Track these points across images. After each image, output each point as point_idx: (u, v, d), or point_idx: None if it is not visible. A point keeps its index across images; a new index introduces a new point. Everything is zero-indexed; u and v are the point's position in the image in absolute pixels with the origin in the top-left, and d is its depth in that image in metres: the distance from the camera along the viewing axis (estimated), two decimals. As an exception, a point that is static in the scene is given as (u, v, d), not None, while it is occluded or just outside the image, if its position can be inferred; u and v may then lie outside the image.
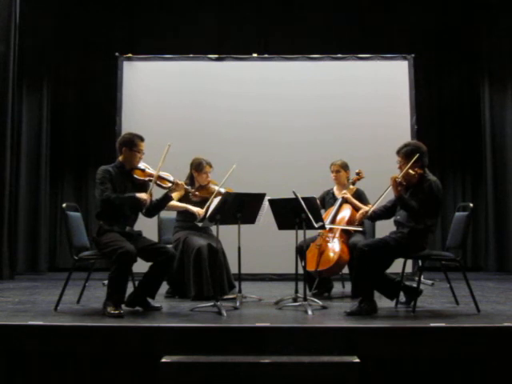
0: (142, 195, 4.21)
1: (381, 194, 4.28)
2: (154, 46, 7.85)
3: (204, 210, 4.81)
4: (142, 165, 4.36)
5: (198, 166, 5.23)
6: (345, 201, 5.23)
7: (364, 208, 4.57)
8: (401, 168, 4.24)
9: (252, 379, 3.18)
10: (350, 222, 5.11)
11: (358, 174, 5.27)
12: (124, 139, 4.38)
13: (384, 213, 4.45)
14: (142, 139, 4.35)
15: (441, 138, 8.37)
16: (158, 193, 4.46)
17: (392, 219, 4.43)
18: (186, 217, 5.17)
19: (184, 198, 5.09)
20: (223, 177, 4.89)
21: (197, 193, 4.75)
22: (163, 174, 4.35)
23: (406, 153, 4.24)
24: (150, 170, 4.33)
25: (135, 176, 4.31)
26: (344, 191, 5.24)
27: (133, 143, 4.31)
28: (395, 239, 4.19)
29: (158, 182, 4.32)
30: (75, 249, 4.43)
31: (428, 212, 4.14)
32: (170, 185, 4.34)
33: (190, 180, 5.25)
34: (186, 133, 7.01)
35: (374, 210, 4.40)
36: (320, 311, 4.28)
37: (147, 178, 4.30)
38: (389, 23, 8.28)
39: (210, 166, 5.23)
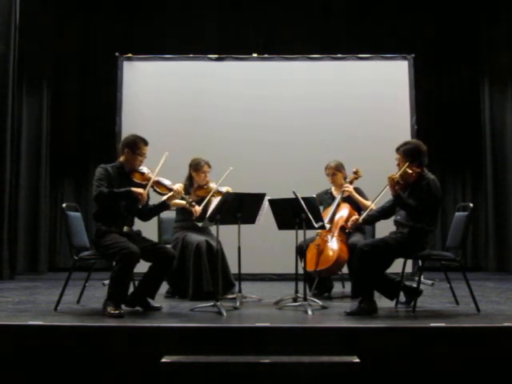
0: (139, 190, 4.17)
1: (378, 193, 4.29)
2: (154, 46, 7.86)
3: (201, 208, 4.80)
4: (144, 168, 4.34)
5: (196, 166, 5.22)
6: (343, 200, 5.22)
7: (356, 215, 4.60)
8: (399, 165, 4.25)
9: (252, 379, 3.18)
10: (349, 220, 5.10)
11: (355, 172, 5.24)
12: (128, 141, 4.36)
13: (381, 214, 4.46)
14: (145, 143, 4.32)
15: (441, 138, 8.37)
16: (156, 198, 4.48)
17: (392, 219, 4.44)
18: (185, 217, 5.16)
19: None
20: (222, 177, 4.90)
21: (194, 202, 4.70)
22: (163, 180, 4.33)
23: (405, 151, 4.24)
24: (150, 175, 4.29)
25: (134, 179, 4.29)
26: (346, 185, 5.21)
27: (136, 146, 4.29)
28: (395, 239, 4.19)
29: (155, 188, 4.31)
30: (75, 249, 4.43)
31: (427, 210, 4.15)
32: (167, 192, 4.32)
33: (189, 181, 5.24)
34: (186, 133, 7.02)
35: (369, 214, 4.43)
36: (320, 311, 4.28)
37: (145, 182, 4.27)
38: (389, 23, 8.28)
39: (209, 166, 5.22)
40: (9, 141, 6.94)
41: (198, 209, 4.84)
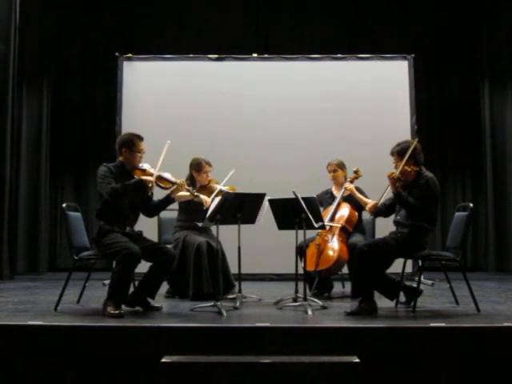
0: (148, 177, 4.19)
1: (382, 192, 4.29)
2: (154, 46, 7.86)
3: (211, 199, 4.79)
4: (145, 165, 4.34)
5: (197, 166, 5.21)
6: (343, 199, 5.22)
7: (372, 201, 4.54)
8: (396, 167, 4.26)
9: (252, 379, 3.18)
10: (349, 220, 5.11)
11: (355, 172, 5.24)
12: (123, 140, 4.35)
13: (384, 209, 4.46)
14: (141, 139, 4.33)
15: (441, 138, 8.37)
16: (159, 194, 4.48)
17: (392, 219, 4.44)
18: (187, 216, 5.17)
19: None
20: (223, 177, 4.89)
21: (197, 193, 4.71)
22: (164, 174, 4.33)
23: (399, 151, 4.27)
24: (151, 171, 4.30)
25: (135, 176, 4.29)
26: (346, 184, 5.20)
27: (132, 143, 4.29)
28: (395, 239, 4.20)
29: (158, 183, 4.30)
30: (75, 249, 4.43)
31: (426, 208, 4.15)
32: (170, 185, 4.32)
33: (191, 181, 5.23)
34: (186, 133, 7.01)
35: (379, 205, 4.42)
36: (320, 311, 4.28)
37: None
38: (389, 23, 8.29)
39: (210, 166, 5.22)
40: (9, 141, 6.94)
41: (207, 199, 4.83)
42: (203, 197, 4.85)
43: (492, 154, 7.97)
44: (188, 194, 4.49)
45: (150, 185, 4.21)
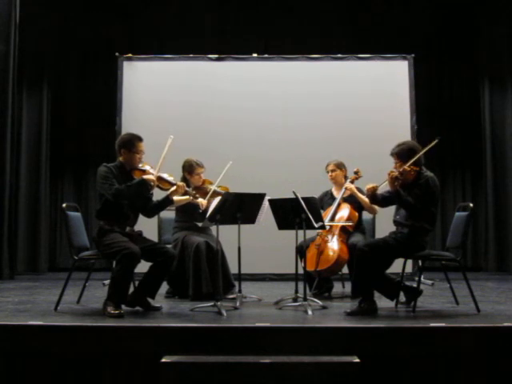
0: (149, 176, 4.20)
1: (382, 181, 4.28)
2: (154, 46, 7.87)
3: (206, 200, 4.81)
4: (146, 166, 4.33)
5: (189, 168, 5.19)
6: (344, 200, 5.22)
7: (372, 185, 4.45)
8: (396, 167, 4.26)
9: (252, 379, 3.18)
10: (349, 220, 5.10)
11: (356, 172, 5.25)
12: (122, 140, 4.36)
13: (380, 198, 4.41)
14: (140, 140, 4.32)
15: (440, 137, 8.36)
16: (158, 195, 4.48)
17: (391, 219, 4.44)
18: (185, 217, 5.17)
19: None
20: (222, 173, 4.89)
21: (196, 195, 4.71)
22: (164, 175, 4.33)
23: (398, 153, 4.27)
24: (151, 171, 4.30)
25: (135, 177, 4.29)
26: (347, 184, 5.20)
27: (132, 144, 4.29)
28: (395, 239, 4.20)
29: (158, 184, 4.30)
30: (75, 249, 4.43)
31: (426, 208, 4.15)
32: (170, 187, 4.32)
33: (184, 182, 5.20)
34: (186, 132, 6.98)
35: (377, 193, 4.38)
36: (320, 311, 4.28)
37: None
38: (389, 23, 8.29)
39: (202, 167, 5.19)
40: (9, 141, 6.94)
41: (203, 202, 4.86)
42: (199, 199, 4.87)
43: (492, 153, 7.96)
44: (186, 197, 4.51)
45: (152, 184, 4.21)
